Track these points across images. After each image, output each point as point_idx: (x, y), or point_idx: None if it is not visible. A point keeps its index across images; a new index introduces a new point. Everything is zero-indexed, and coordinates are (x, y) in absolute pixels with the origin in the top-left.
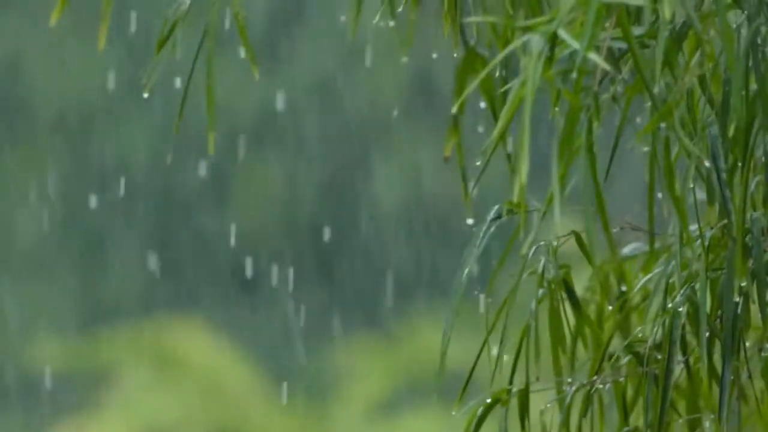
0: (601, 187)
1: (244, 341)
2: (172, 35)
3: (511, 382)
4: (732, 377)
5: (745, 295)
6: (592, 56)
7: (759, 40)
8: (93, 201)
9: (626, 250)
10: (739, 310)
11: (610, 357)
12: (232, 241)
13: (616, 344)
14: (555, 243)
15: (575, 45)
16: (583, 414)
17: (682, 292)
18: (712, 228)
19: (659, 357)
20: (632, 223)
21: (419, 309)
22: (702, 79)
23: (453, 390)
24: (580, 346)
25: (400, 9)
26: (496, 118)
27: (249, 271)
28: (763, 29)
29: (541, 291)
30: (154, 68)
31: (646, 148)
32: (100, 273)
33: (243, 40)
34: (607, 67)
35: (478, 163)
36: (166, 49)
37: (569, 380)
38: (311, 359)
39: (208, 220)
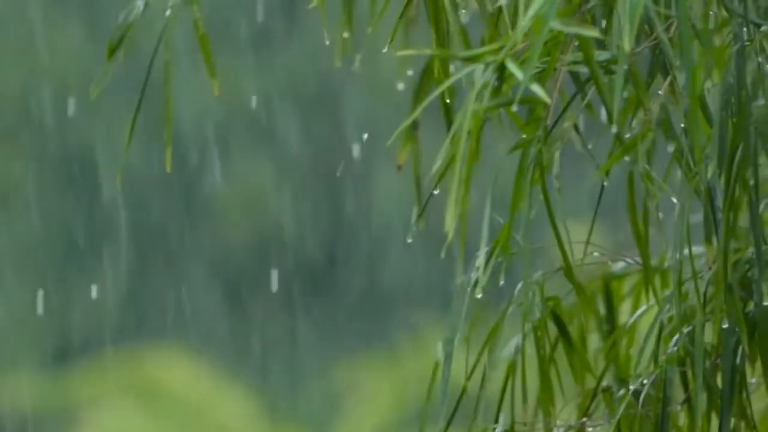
0: (558, 219)
1: (232, 365)
2: (123, 41)
3: (496, 421)
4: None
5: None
6: (535, 89)
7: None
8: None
9: (616, 268)
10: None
11: (604, 391)
12: (221, 258)
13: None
14: (540, 279)
15: (518, 75)
16: None
17: (676, 340)
18: (710, 268)
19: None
20: (624, 254)
21: (425, 323)
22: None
23: (462, 409)
24: (569, 379)
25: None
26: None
27: (239, 290)
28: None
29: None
30: (104, 74)
31: (605, 183)
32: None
33: (202, 50)
34: (547, 100)
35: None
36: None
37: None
38: (306, 382)
39: (192, 236)
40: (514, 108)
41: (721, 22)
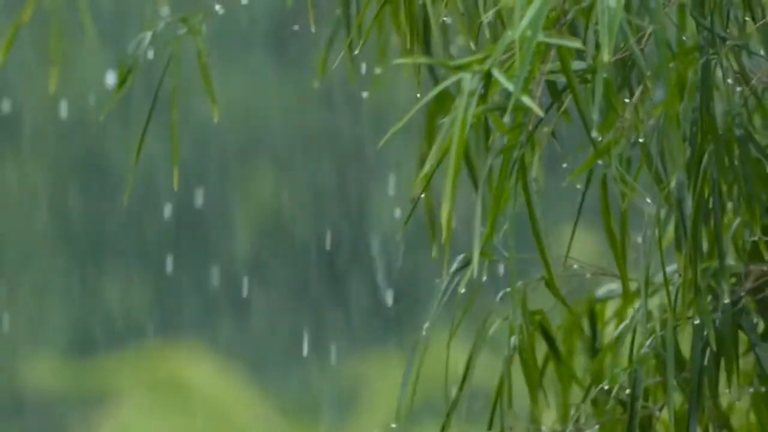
0: (540, 225)
1: (245, 362)
2: (131, 73)
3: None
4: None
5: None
6: (525, 100)
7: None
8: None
9: (600, 292)
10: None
11: (591, 401)
12: (230, 259)
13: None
14: (523, 289)
15: (508, 86)
16: None
17: (648, 343)
18: (680, 275)
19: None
20: (603, 268)
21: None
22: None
23: (470, 406)
24: (556, 389)
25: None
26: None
27: (246, 290)
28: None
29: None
30: (111, 103)
31: (579, 186)
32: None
33: (204, 80)
34: (539, 112)
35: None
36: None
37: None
38: (318, 378)
39: (205, 238)
40: (502, 116)
41: (693, 37)
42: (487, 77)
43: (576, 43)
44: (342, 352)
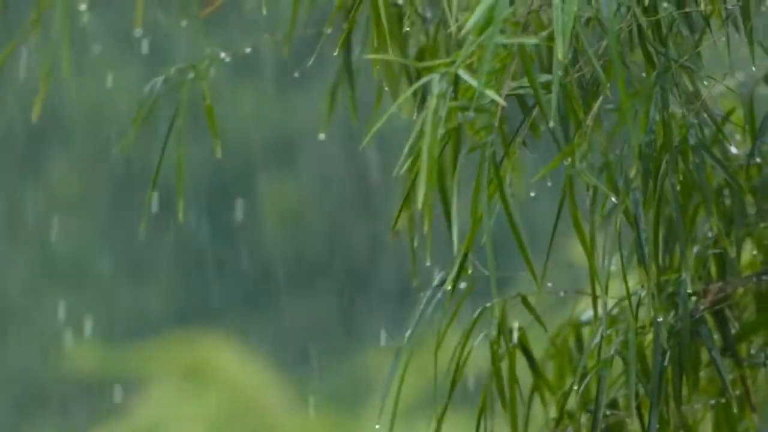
0: (518, 225)
1: (268, 351)
2: (149, 113)
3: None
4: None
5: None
6: (489, 93)
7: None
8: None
9: (584, 317)
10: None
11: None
12: (253, 251)
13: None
14: (500, 306)
15: (473, 83)
16: None
17: (613, 349)
18: (642, 286)
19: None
20: (581, 289)
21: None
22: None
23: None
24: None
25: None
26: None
27: (271, 282)
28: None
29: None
30: (128, 139)
31: (549, 183)
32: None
33: (209, 118)
34: (502, 102)
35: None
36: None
37: None
38: (336, 367)
39: (231, 229)
40: (471, 115)
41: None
42: (455, 79)
43: (533, 40)
44: (365, 341)
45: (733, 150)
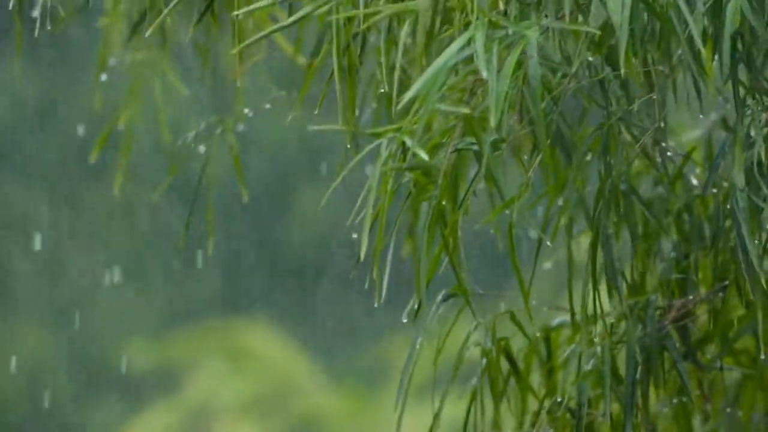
0: (460, 263)
1: (303, 336)
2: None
3: None
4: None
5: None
6: (422, 154)
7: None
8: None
9: (554, 322)
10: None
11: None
12: (293, 243)
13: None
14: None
15: (417, 150)
16: None
17: (590, 363)
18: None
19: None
20: (558, 305)
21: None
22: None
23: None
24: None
25: None
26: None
27: (308, 273)
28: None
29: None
30: (162, 188)
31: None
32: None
33: (236, 169)
34: (439, 169)
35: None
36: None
37: None
38: (361, 351)
39: (268, 221)
40: (409, 175)
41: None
42: (402, 144)
43: (464, 110)
44: (390, 326)
45: (694, 182)
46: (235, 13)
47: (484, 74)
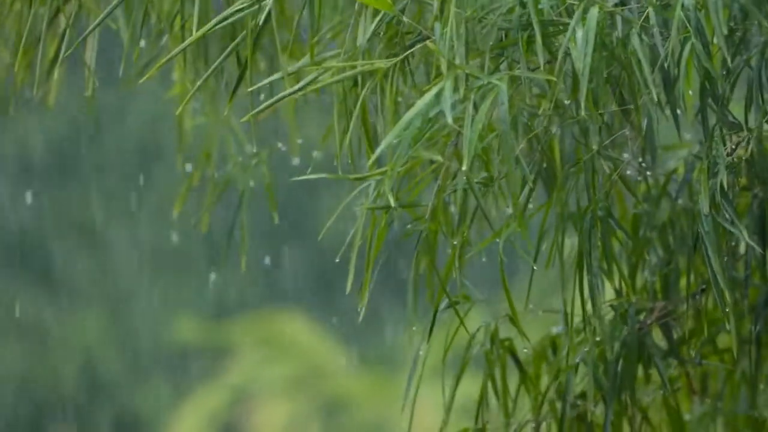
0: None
1: (333, 325)
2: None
3: (476, 422)
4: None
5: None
6: (390, 198)
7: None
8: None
9: (555, 329)
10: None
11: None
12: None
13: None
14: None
15: (391, 201)
16: None
17: (578, 358)
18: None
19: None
20: (552, 309)
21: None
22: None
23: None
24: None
25: None
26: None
27: (337, 267)
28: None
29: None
30: (206, 210)
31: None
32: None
33: (269, 196)
34: (414, 215)
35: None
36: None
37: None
38: (385, 339)
39: (303, 231)
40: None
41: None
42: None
43: (437, 157)
44: (401, 315)
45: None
46: (249, 89)
47: (450, 122)
